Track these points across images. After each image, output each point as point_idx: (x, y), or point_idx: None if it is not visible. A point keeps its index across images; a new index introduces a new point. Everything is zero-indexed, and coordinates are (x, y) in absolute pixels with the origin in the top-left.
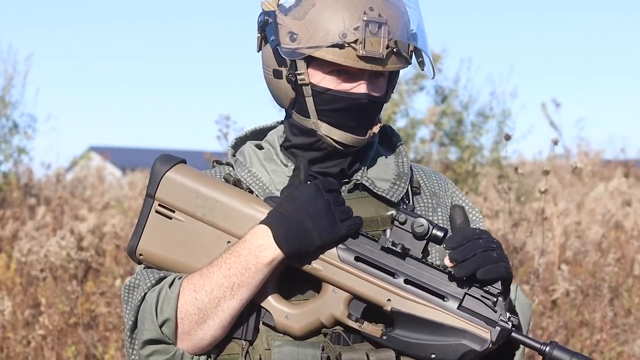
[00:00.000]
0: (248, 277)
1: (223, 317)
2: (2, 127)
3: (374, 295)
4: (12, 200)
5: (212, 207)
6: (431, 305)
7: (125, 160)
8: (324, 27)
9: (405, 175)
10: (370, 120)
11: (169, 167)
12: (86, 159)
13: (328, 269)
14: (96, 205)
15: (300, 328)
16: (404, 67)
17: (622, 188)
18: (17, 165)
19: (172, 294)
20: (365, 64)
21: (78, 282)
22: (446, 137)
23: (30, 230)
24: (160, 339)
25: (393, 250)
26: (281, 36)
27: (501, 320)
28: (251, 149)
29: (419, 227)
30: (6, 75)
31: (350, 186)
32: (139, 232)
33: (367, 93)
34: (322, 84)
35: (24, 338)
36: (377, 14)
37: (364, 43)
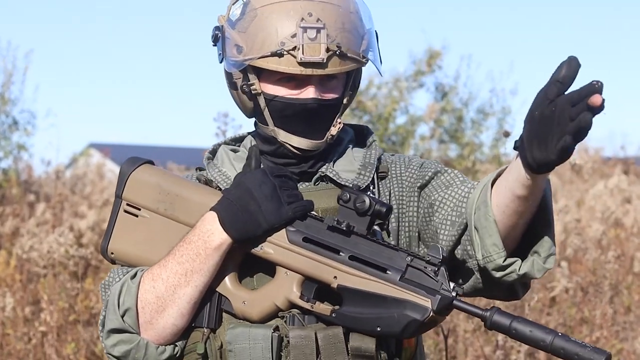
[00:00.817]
0: (199, 262)
1: (180, 304)
2: (1, 123)
3: (320, 274)
4: (12, 197)
5: (172, 202)
6: (373, 279)
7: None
8: (263, 38)
9: (370, 165)
10: (325, 123)
11: (134, 167)
12: (86, 155)
13: (278, 252)
14: (96, 202)
15: (257, 313)
16: (353, 68)
17: (622, 185)
18: (16, 162)
19: (132, 284)
20: (305, 70)
21: (78, 279)
22: (446, 134)
23: (31, 227)
24: (123, 329)
25: (338, 229)
26: (229, 49)
27: (443, 289)
28: (224, 150)
29: (361, 203)
30: (6, 72)
31: (316, 177)
32: (109, 232)
33: (315, 97)
34: (273, 92)
35: (24, 335)
36: (316, 19)
37: (302, 49)
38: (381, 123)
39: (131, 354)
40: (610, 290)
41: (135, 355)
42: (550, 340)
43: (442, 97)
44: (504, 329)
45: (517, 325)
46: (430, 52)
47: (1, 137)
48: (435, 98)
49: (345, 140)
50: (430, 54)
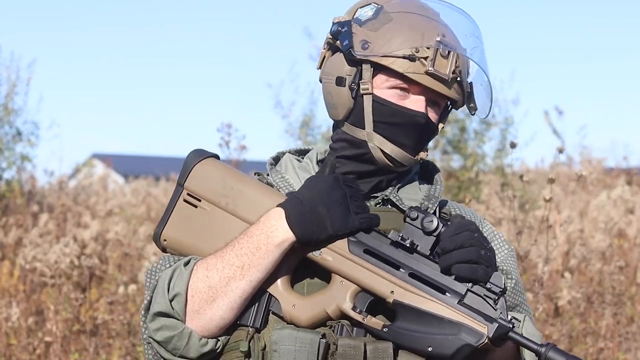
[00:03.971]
0: (258, 257)
1: (232, 297)
2: (5, 134)
3: (377, 287)
4: (15, 208)
5: (235, 197)
6: (432, 298)
7: (128, 167)
8: (398, 40)
9: (434, 197)
10: (421, 143)
11: (200, 159)
12: (89, 166)
13: (337, 260)
14: (99, 213)
15: (306, 318)
16: (458, 103)
17: (625, 196)
18: (20, 172)
19: (185, 270)
20: (431, 81)
21: (82, 289)
22: (449, 145)
23: (34, 237)
24: (169, 313)
25: (401, 245)
26: (354, 43)
27: (500, 318)
28: (289, 158)
29: (428, 222)
30: (9, 82)
31: (379, 201)
32: (165, 218)
33: (425, 113)
34: (384, 95)
35: (29, 345)
36: (449, 41)
37: (434, 60)
38: None
39: (173, 341)
40: (613, 301)
41: (176, 343)
42: None
43: None
44: None
45: None
46: None
47: (5, 147)
48: None
49: (412, 172)
50: None
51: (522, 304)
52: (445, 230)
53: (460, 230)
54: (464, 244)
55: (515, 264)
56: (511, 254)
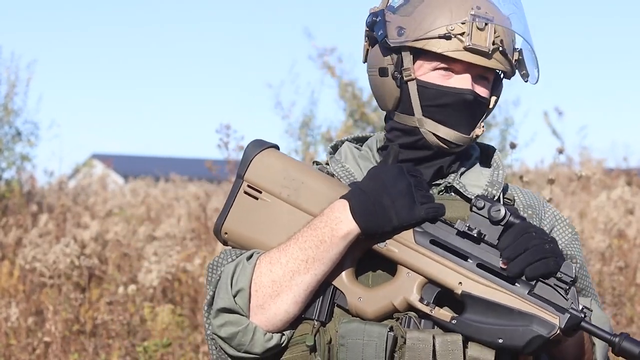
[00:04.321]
0: (323, 250)
1: (297, 291)
2: (4, 134)
3: (445, 278)
4: (15, 208)
5: (297, 188)
6: (501, 289)
7: (128, 167)
8: (431, 20)
9: (498, 183)
10: (474, 119)
11: (260, 150)
12: (89, 166)
13: (403, 251)
14: (99, 213)
15: (372, 311)
16: (508, 73)
17: (625, 197)
18: (20, 172)
19: (248, 265)
20: (471, 56)
21: (81, 290)
22: None
23: (34, 237)
24: (233, 309)
25: (468, 235)
26: (389, 31)
27: (572, 308)
28: (348, 147)
29: (496, 212)
30: (9, 83)
31: (442, 188)
32: (225, 211)
33: (472, 89)
34: (428, 79)
35: (28, 345)
36: (485, 12)
37: (471, 35)
38: None
39: (237, 336)
40: (613, 302)
41: (241, 339)
42: None
43: None
44: (632, 356)
45: None
46: None
47: (4, 148)
48: None
49: (473, 156)
50: None
51: (588, 288)
52: (503, 239)
53: (517, 236)
54: (527, 247)
55: (579, 248)
56: (575, 237)
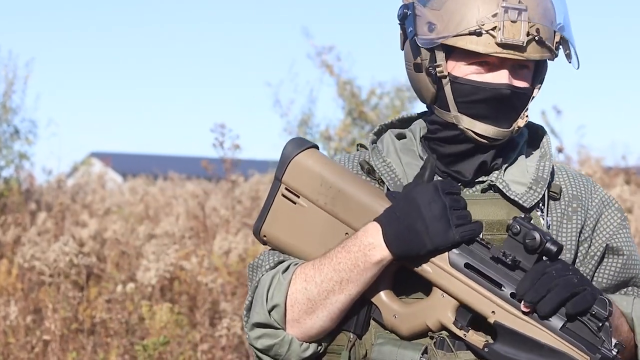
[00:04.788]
0: (357, 273)
1: (331, 309)
2: (3, 132)
3: (478, 305)
4: (13, 206)
5: (334, 197)
6: (533, 323)
7: (126, 166)
8: (461, 15)
9: (543, 180)
10: (514, 112)
11: (298, 151)
12: (87, 164)
13: (437, 273)
14: (97, 211)
15: (407, 329)
16: (548, 58)
17: (623, 195)
18: (18, 170)
19: (284, 280)
20: (504, 51)
21: (80, 288)
22: None
23: (33, 236)
24: (268, 323)
25: (503, 261)
26: (419, 27)
27: (604, 347)
28: (390, 138)
29: (531, 240)
30: (7, 81)
31: (485, 186)
32: (264, 214)
33: (508, 83)
34: (463, 74)
35: (27, 343)
36: (517, 1)
37: (503, 30)
38: None
39: (274, 348)
40: None
41: (277, 350)
42: None
43: None
44: None
45: None
46: None
47: (3, 146)
48: None
49: (520, 145)
50: None
51: (638, 276)
52: (520, 285)
53: (535, 280)
54: (550, 289)
55: (627, 236)
56: (623, 224)
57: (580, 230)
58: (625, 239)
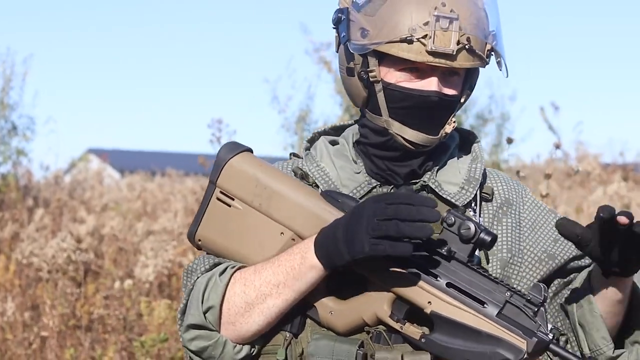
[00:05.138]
0: (293, 277)
1: (268, 314)
2: (0, 128)
3: (415, 297)
4: (11, 202)
5: (268, 198)
6: (470, 311)
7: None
8: (393, 23)
9: (475, 180)
10: (442, 118)
11: (232, 155)
12: (85, 161)
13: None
14: (95, 207)
15: (343, 325)
16: (479, 66)
17: (621, 192)
18: (15, 167)
19: (220, 282)
20: (434, 59)
21: (77, 284)
22: None
23: (31, 232)
24: (203, 325)
25: (438, 253)
26: (352, 32)
27: (540, 331)
28: (323, 143)
29: (465, 230)
30: (4, 77)
31: (418, 187)
32: (198, 218)
33: (437, 91)
34: (393, 80)
35: (24, 339)
36: (449, 10)
37: (434, 38)
38: None
39: (208, 350)
40: None
41: (211, 352)
42: None
43: None
44: None
45: None
46: None
47: (0, 142)
48: None
49: (451, 148)
50: None
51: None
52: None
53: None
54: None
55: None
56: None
57: (511, 231)
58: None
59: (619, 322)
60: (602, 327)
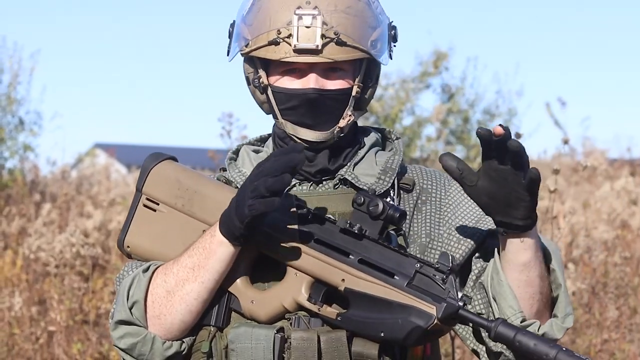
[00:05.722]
0: (205, 257)
1: (188, 300)
2: (8, 123)
3: (329, 276)
4: (18, 197)
5: (190, 198)
6: (380, 283)
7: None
8: (263, 27)
9: (391, 170)
10: (330, 115)
11: (156, 162)
12: (91, 155)
13: (288, 252)
14: (102, 202)
15: (265, 313)
16: (353, 58)
17: (628, 187)
18: (22, 162)
19: (143, 277)
20: (299, 57)
21: (85, 279)
22: (452, 135)
23: (39, 227)
24: (130, 321)
25: (350, 231)
26: (239, 43)
27: (450, 297)
28: (245, 151)
29: (374, 207)
30: (12, 72)
31: (336, 181)
32: (126, 225)
33: (315, 87)
34: (277, 83)
35: (32, 334)
36: (313, 7)
37: (297, 36)
38: (387, 124)
39: (137, 347)
40: (617, 293)
41: (141, 349)
42: (554, 354)
43: (449, 99)
44: (507, 341)
45: (521, 337)
46: (436, 53)
47: (7, 137)
48: (441, 99)
49: (367, 144)
50: (437, 55)
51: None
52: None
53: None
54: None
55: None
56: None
57: (430, 217)
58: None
59: (537, 294)
60: (508, 296)
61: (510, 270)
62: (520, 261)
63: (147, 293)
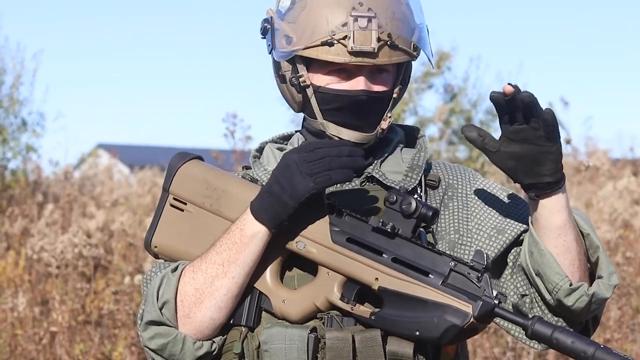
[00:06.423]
0: (235, 252)
1: (218, 297)
2: (10, 124)
3: (362, 275)
4: (21, 198)
5: (218, 197)
6: (415, 282)
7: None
8: (313, 27)
9: (418, 167)
10: (375, 115)
11: (183, 162)
12: (94, 156)
13: (321, 251)
14: (104, 203)
15: (296, 312)
16: (405, 60)
17: (631, 187)
18: (25, 162)
19: (173, 277)
20: (356, 59)
21: (87, 280)
22: (455, 135)
23: (41, 227)
24: (161, 321)
25: (382, 230)
26: (278, 40)
27: (485, 295)
28: (270, 150)
29: (407, 205)
30: (15, 73)
31: (363, 179)
32: (154, 225)
33: (365, 89)
34: (322, 83)
35: (34, 335)
36: (367, 9)
37: (353, 38)
38: None
39: (168, 347)
40: (619, 292)
41: (171, 349)
42: (592, 352)
43: (451, 99)
44: (545, 339)
45: (558, 335)
46: (439, 53)
47: (10, 137)
48: (444, 99)
49: (394, 141)
50: (440, 55)
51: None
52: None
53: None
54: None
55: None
56: (514, 196)
57: (458, 213)
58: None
59: (576, 261)
60: (553, 263)
61: (547, 237)
62: (555, 224)
63: (177, 292)
